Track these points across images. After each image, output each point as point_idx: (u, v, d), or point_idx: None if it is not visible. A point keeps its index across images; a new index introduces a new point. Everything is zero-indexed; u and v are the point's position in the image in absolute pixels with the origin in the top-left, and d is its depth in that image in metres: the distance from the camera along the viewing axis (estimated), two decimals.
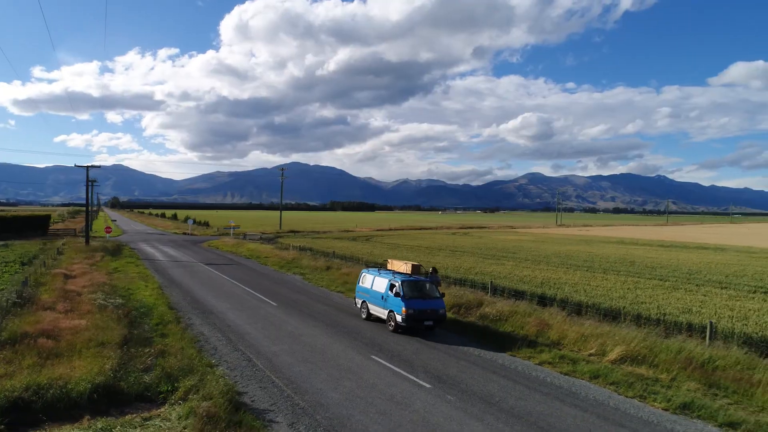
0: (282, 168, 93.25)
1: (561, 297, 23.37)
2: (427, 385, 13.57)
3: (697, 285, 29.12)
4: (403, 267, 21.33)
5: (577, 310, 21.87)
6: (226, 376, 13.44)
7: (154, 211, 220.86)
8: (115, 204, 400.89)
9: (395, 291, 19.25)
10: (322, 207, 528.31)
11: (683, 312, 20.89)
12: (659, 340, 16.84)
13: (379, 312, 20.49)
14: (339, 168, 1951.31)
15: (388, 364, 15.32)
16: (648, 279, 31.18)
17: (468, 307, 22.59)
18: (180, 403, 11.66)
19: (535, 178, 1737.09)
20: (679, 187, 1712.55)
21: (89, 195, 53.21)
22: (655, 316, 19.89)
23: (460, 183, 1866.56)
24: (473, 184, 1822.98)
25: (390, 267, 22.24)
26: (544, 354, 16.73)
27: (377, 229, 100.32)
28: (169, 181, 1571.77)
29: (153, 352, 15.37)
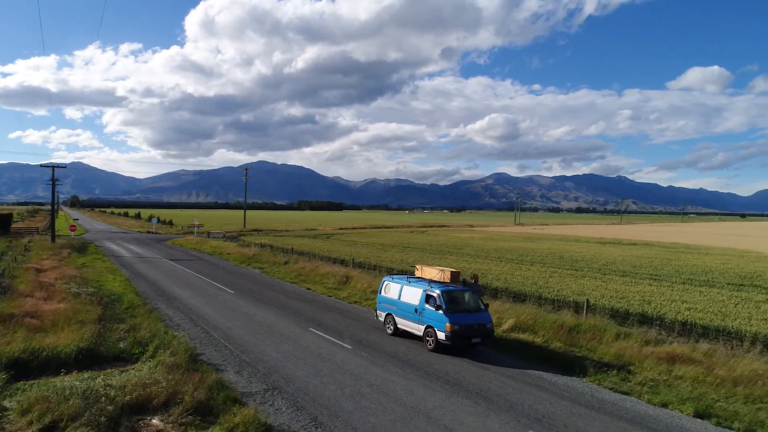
0: (246, 168, 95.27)
1: (481, 283, 27.26)
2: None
3: (603, 274, 33.73)
4: (438, 274, 18.66)
5: (494, 294, 25.83)
6: (187, 342, 16.66)
7: (117, 210, 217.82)
8: (74, 203, 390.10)
9: (435, 304, 16.86)
10: (290, 206, 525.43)
11: (577, 294, 25.12)
12: (545, 314, 20.88)
13: (412, 327, 18.09)
14: (307, 167, 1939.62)
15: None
16: (565, 269, 35.67)
17: None
18: (150, 360, 14.84)
19: (501, 178, 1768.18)
20: (639, 188, 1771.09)
21: (54, 194, 54.73)
22: (552, 297, 23.99)
23: (428, 183, 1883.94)
24: (441, 183, 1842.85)
25: (419, 274, 19.81)
26: None
27: (340, 228, 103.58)
28: (131, 180, 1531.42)
29: (125, 327, 18.42)
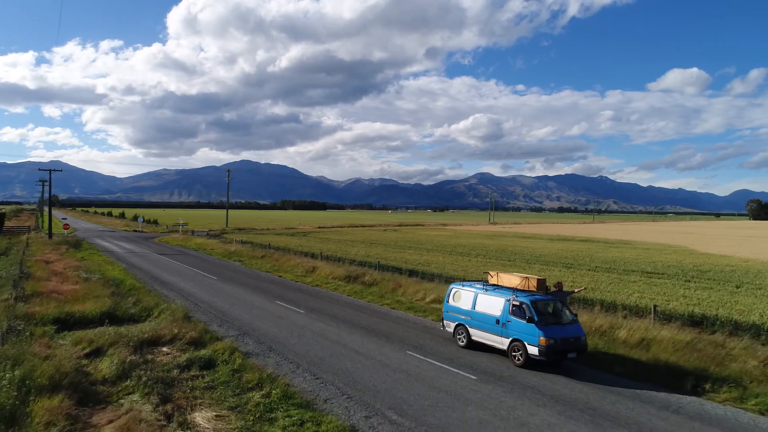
0: (228, 170, 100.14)
1: (422, 270, 33.28)
2: None
3: (528, 263, 40.07)
4: (521, 282, 17.05)
5: (431, 278, 31.78)
6: (182, 307, 22.32)
7: (99, 209, 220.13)
8: (54, 202, 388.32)
9: (525, 315, 15.62)
10: (273, 206, 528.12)
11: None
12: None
13: (492, 340, 16.90)
14: (291, 166, 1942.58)
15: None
16: (498, 260, 41.96)
17: (355, 277, 32.22)
18: (156, 318, 20.48)
19: (484, 178, 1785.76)
20: (619, 188, 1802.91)
21: (50, 194, 59.53)
22: (462, 276, 29.99)
23: (412, 182, 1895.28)
24: (425, 183, 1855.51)
25: (494, 281, 18.33)
26: (387, 299, 26.50)
27: (319, 227, 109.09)
28: (111, 179, 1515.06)
29: (132, 300, 23.96)
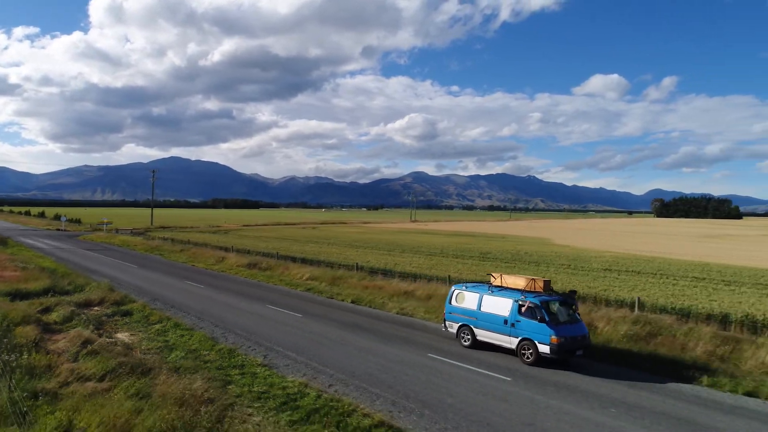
0: (153, 170, 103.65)
1: (311, 258, 41.67)
2: None
3: (403, 252, 49.58)
4: (527, 283, 17.99)
5: (317, 264, 40.21)
6: (107, 282, 29.45)
7: (16, 208, 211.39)
8: None
9: (536, 315, 16.46)
10: (204, 205, 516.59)
11: (364, 261, 40.17)
12: (330, 271, 35.55)
13: (499, 340, 17.64)
14: (223, 164, 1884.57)
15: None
16: (381, 251, 51.22)
17: (255, 264, 40.18)
18: (87, 291, 27.58)
19: (419, 177, 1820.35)
20: (547, 187, 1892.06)
21: None
22: (346, 263, 38.80)
23: (348, 180, 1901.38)
24: (361, 182, 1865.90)
25: (497, 282, 19.08)
26: (273, 279, 34.74)
27: (243, 225, 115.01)
28: (25, 175, 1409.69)
29: (67, 281, 30.72)
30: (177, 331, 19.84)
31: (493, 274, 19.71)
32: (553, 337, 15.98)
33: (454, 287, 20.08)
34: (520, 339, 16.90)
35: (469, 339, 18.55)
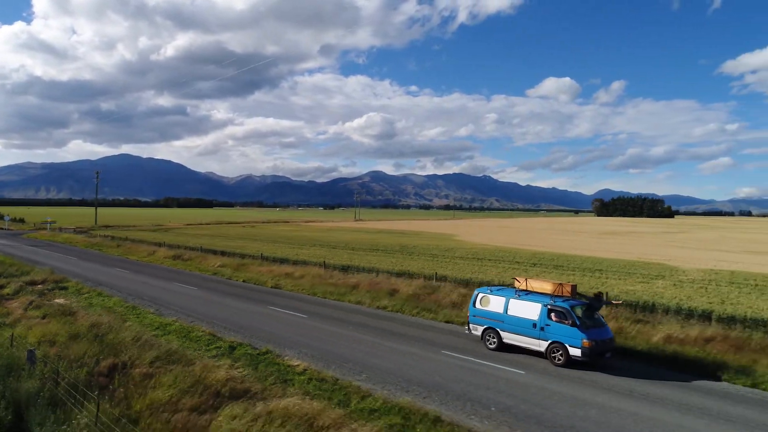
0: (97, 171, 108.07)
1: (230, 251, 49.72)
2: None
3: (321, 246, 58.27)
4: (553, 287, 18.70)
5: (231, 255, 48.33)
6: (49, 268, 36.77)
7: None
8: None
9: (567, 319, 17.20)
10: (155, 204, 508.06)
11: (271, 253, 48.61)
12: (238, 260, 43.81)
13: (528, 343, 18.29)
14: (177, 161, 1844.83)
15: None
16: (295, 245, 59.77)
17: (179, 255, 47.97)
18: (32, 275, 34.92)
19: (377, 176, 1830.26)
20: (502, 186, 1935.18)
21: None
22: (256, 254, 47.14)
23: (306, 179, 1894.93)
24: (318, 180, 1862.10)
25: (522, 287, 19.60)
26: (190, 266, 42.80)
27: (187, 224, 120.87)
28: None
29: (15, 268, 37.82)
30: (99, 298, 27.89)
31: (518, 279, 20.14)
32: (585, 340, 16.73)
33: (478, 291, 20.56)
34: (550, 342, 17.58)
35: (495, 342, 19.13)
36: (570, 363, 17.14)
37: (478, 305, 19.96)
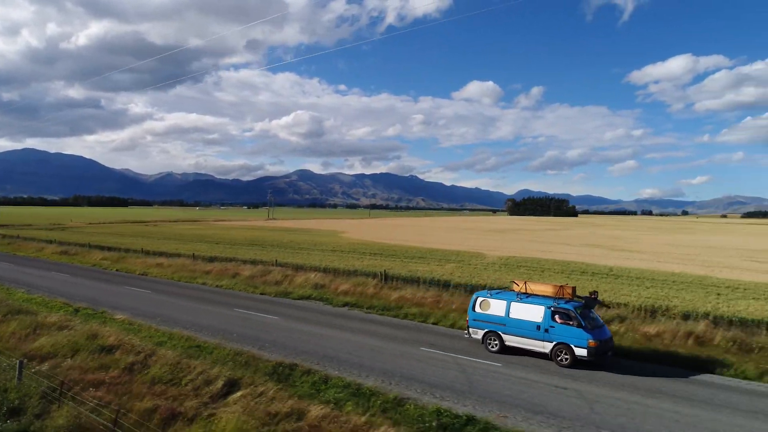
0: None
1: (117, 247, 54.95)
2: None
3: (200, 242, 64.52)
4: (553, 290, 19.09)
5: (117, 250, 53.65)
6: None
7: None
8: None
9: (572, 321, 17.53)
10: (64, 202, 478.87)
11: (157, 248, 54.48)
12: (121, 254, 49.52)
13: (532, 345, 18.45)
14: (89, 157, 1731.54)
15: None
16: (186, 242, 65.72)
17: (66, 251, 52.71)
18: None
19: (305, 175, 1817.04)
20: (428, 186, 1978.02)
21: None
22: (141, 249, 52.85)
23: (230, 178, 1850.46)
24: (244, 179, 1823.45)
25: (519, 289, 19.85)
26: (77, 260, 48.02)
27: (89, 223, 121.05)
28: None
29: None
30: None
31: (516, 282, 20.35)
32: (590, 341, 17.08)
33: (477, 294, 20.43)
34: (554, 343, 17.77)
35: (497, 345, 19.11)
36: (575, 363, 17.48)
37: (477, 309, 19.90)
